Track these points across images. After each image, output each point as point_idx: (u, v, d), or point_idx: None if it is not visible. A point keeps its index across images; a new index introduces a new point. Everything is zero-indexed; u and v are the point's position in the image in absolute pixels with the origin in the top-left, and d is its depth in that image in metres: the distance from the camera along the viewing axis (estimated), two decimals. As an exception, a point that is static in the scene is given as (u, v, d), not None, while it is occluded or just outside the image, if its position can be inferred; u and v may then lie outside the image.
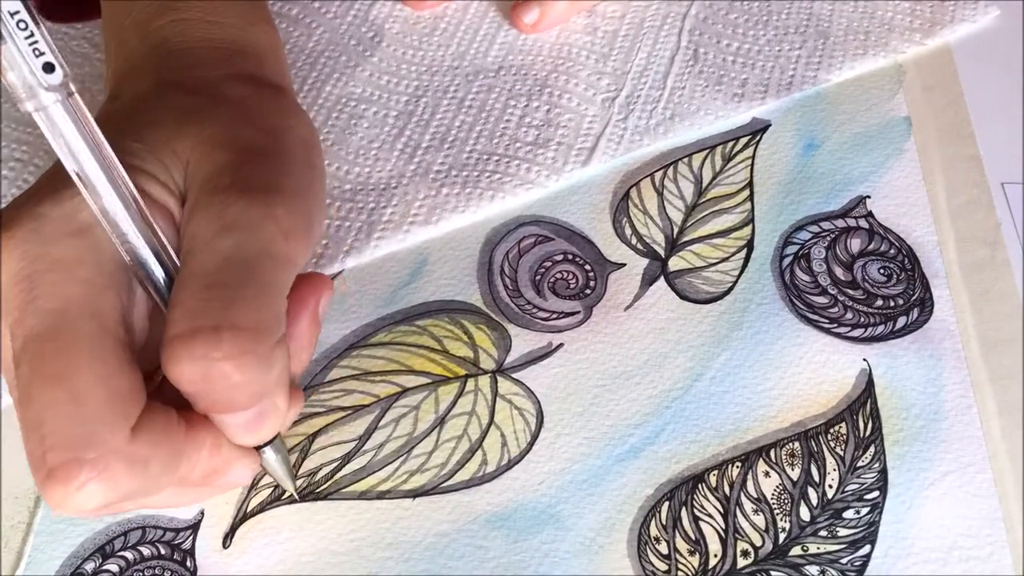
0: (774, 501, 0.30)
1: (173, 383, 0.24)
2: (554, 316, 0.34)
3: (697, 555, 0.29)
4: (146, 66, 0.30)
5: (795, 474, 0.30)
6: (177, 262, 0.25)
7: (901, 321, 0.33)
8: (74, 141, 0.23)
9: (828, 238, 0.35)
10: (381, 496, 0.30)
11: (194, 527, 0.30)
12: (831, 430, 0.31)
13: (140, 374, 0.24)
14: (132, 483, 0.23)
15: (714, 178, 0.37)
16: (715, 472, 0.31)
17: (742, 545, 0.29)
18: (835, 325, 0.33)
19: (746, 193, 0.36)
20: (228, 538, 0.30)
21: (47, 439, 0.22)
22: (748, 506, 0.30)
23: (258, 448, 0.28)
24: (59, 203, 0.24)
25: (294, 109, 0.30)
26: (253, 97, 0.29)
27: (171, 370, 0.23)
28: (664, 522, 0.30)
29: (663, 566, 0.29)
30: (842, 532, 0.29)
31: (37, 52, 0.21)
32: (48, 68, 0.22)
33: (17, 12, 0.21)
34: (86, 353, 0.23)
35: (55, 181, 0.25)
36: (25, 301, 0.23)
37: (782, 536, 0.29)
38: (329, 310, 0.33)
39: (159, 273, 0.25)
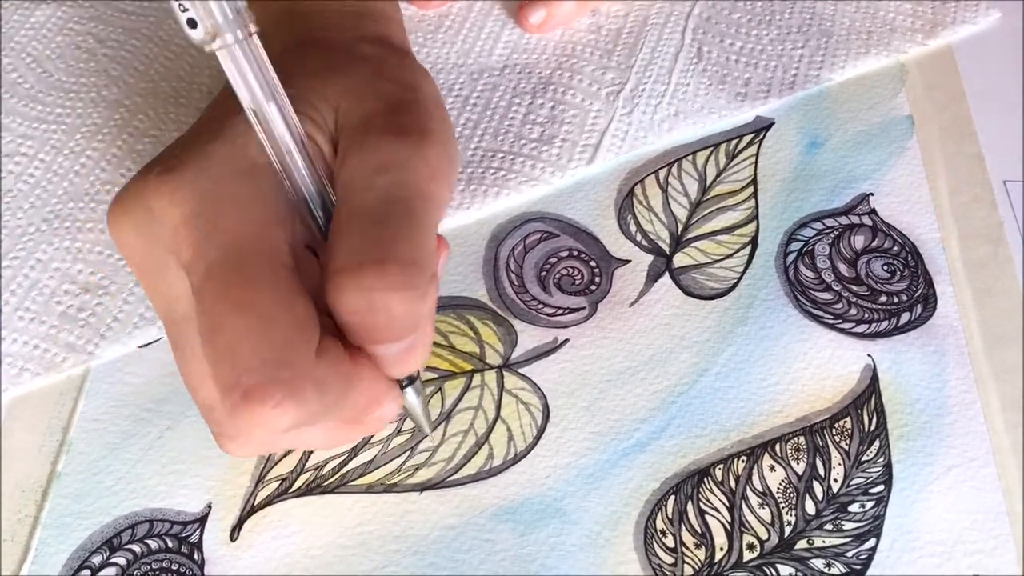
0: (779, 495, 0.30)
1: (336, 313, 0.24)
2: (559, 312, 0.34)
3: (703, 548, 0.29)
4: (277, 29, 0.31)
5: (800, 468, 0.31)
6: (334, 199, 0.26)
7: (905, 317, 0.33)
8: (253, 78, 0.24)
9: (832, 235, 0.35)
10: (388, 489, 0.31)
11: (201, 520, 0.30)
12: (836, 425, 0.31)
13: (312, 303, 0.25)
14: (317, 405, 0.24)
15: (718, 175, 0.37)
16: (720, 466, 0.31)
17: (748, 539, 0.29)
18: (839, 321, 0.33)
19: (750, 190, 0.37)
20: (236, 531, 0.30)
21: (242, 362, 0.23)
22: (754, 500, 0.30)
23: (402, 388, 0.28)
24: (227, 142, 0.26)
25: (420, 68, 0.31)
26: (384, 56, 0.30)
27: (336, 300, 0.24)
28: (670, 516, 0.30)
29: (669, 559, 0.29)
30: (847, 526, 0.29)
31: None
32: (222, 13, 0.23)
33: None
34: (268, 282, 0.24)
35: (218, 122, 0.26)
36: (200, 237, 0.24)
37: (788, 530, 0.30)
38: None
39: (319, 209, 0.26)
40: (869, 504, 0.30)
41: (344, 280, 0.24)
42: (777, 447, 0.31)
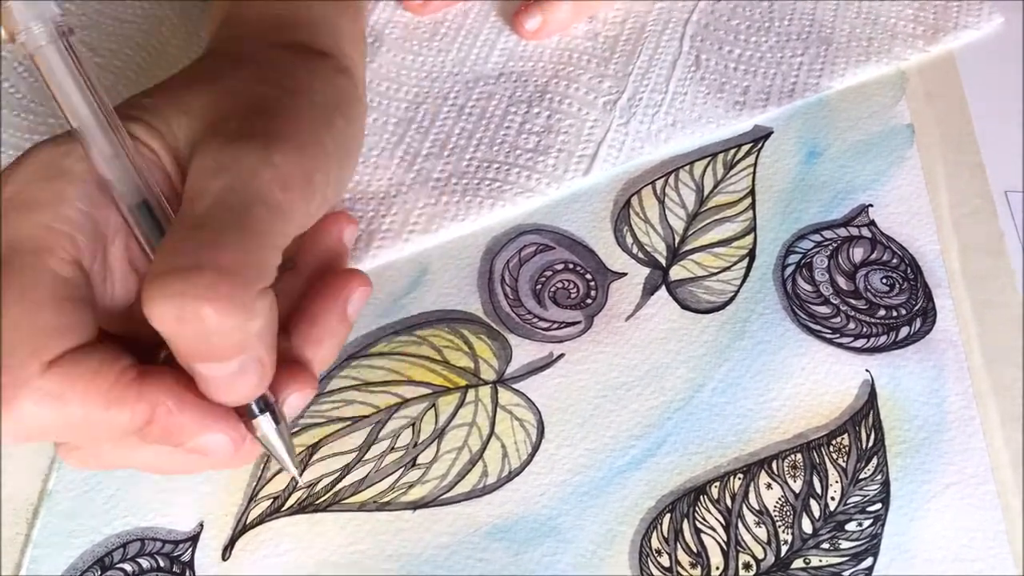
0: (776, 513, 0.30)
1: (153, 326, 0.23)
2: (555, 326, 0.34)
3: (699, 568, 0.29)
4: (211, 40, 0.32)
5: (797, 486, 0.30)
6: (168, 211, 0.26)
7: (904, 331, 0.33)
8: (66, 83, 0.24)
9: (830, 247, 0.35)
10: (381, 508, 0.30)
11: (193, 539, 0.30)
12: (833, 441, 0.31)
13: (86, 315, 0.24)
14: (43, 417, 0.23)
15: (716, 186, 0.37)
16: (717, 484, 0.30)
17: (744, 558, 0.29)
18: (837, 335, 0.33)
19: (748, 201, 0.36)
20: (228, 550, 0.30)
21: None
22: (750, 518, 0.30)
23: (251, 417, 0.26)
24: (50, 147, 0.26)
25: (332, 75, 0.30)
26: (287, 62, 0.29)
27: (147, 309, 0.23)
28: (665, 534, 0.30)
29: (665, 579, 0.29)
30: (844, 544, 0.29)
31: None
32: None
33: None
34: (17, 287, 0.23)
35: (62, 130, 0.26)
36: None
37: (784, 548, 0.29)
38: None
39: (147, 220, 0.25)
40: (867, 523, 0.29)
41: (153, 286, 0.22)
42: (774, 464, 0.31)
